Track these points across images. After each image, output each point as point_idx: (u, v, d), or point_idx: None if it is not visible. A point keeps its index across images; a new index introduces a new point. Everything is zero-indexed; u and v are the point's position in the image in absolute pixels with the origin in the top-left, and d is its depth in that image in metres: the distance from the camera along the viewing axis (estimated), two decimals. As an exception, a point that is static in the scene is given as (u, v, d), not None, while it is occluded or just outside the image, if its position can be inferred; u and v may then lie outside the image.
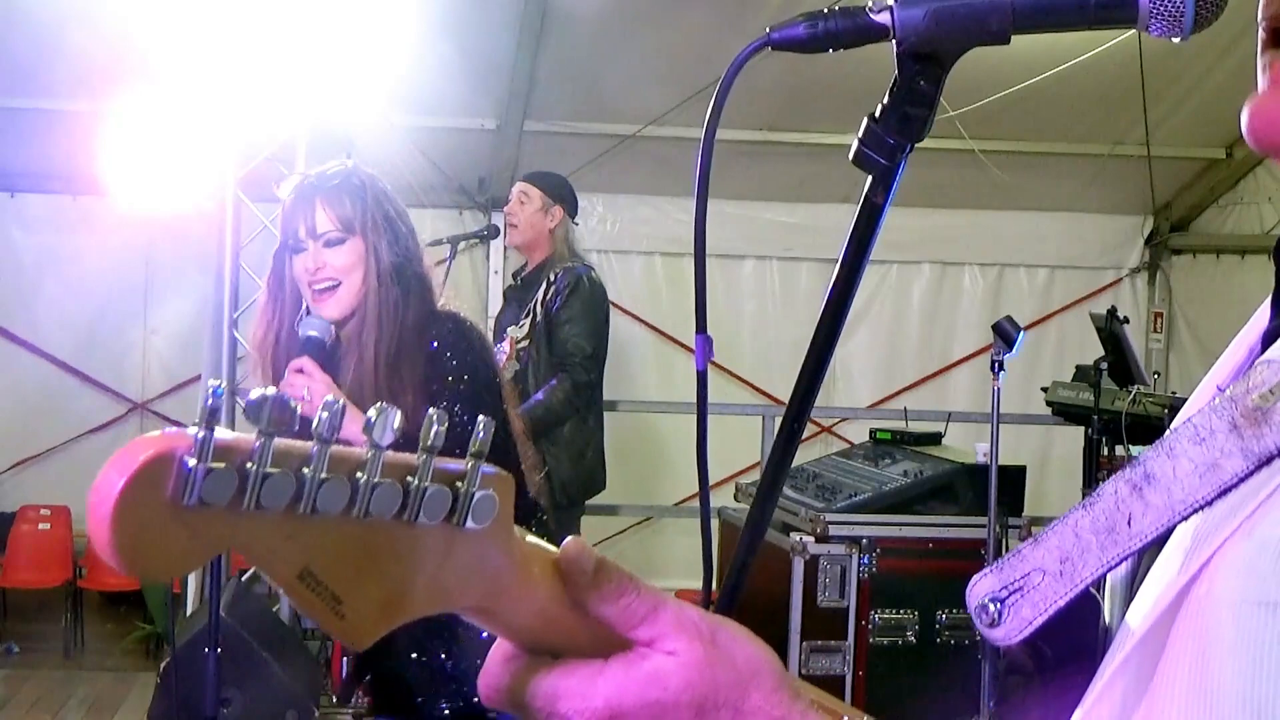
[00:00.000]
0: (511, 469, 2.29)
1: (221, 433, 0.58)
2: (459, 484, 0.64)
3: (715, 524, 5.47)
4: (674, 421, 7.05)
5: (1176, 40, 0.89)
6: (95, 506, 0.57)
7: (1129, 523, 0.69)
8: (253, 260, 5.84)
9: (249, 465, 0.58)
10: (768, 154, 7.03)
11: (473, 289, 7.59)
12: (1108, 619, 0.77)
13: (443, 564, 0.65)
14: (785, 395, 1.08)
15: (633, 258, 7.53)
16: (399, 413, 0.62)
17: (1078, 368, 6.00)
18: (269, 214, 5.80)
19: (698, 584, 1.25)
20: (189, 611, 5.54)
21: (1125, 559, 0.69)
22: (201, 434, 0.57)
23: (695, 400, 1.15)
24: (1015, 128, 6.94)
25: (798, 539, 4.84)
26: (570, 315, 4.79)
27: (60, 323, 7.24)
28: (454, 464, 0.64)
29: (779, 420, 1.12)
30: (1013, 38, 0.91)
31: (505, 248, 7.52)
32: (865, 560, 4.86)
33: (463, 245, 6.01)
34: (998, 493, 4.15)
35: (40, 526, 6.89)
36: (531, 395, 4.81)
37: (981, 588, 0.72)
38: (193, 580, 5.69)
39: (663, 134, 6.65)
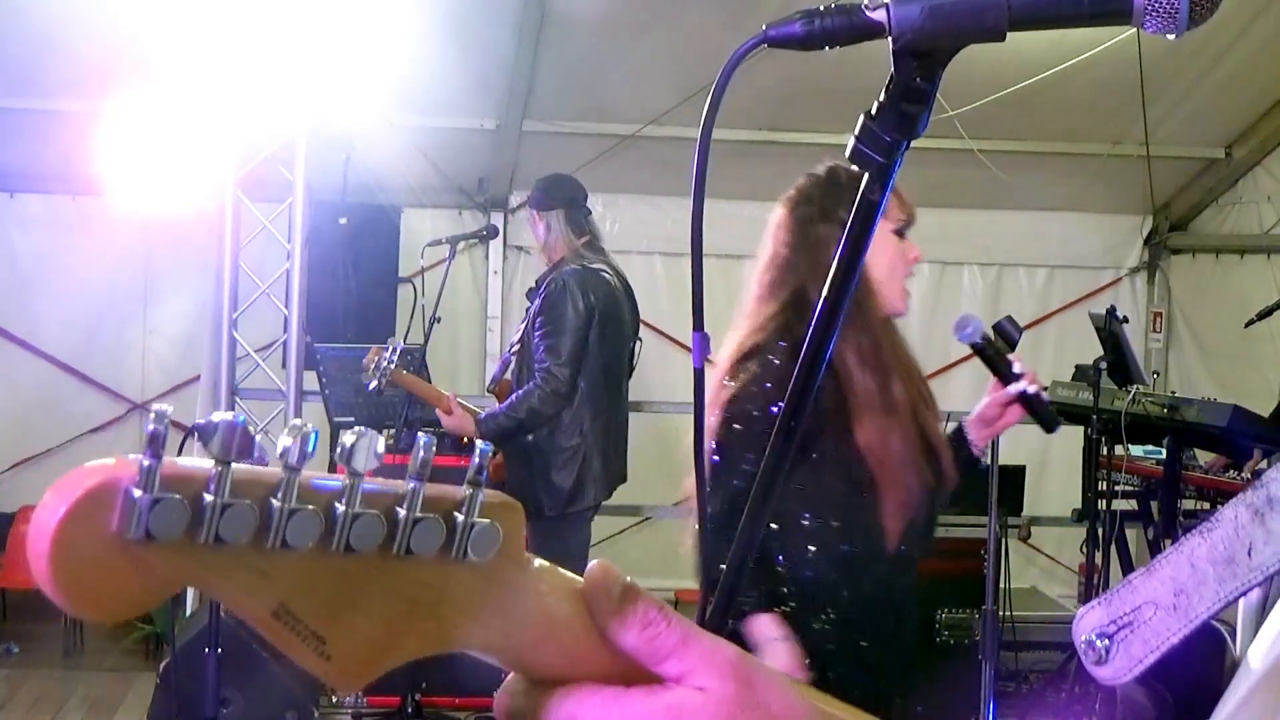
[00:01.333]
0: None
1: (174, 461, 0.53)
2: (456, 514, 0.58)
3: (715, 524, 5.46)
4: (673, 421, 7.05)
5: (1172, 37, 0.89)
6: (34, 540, 0.52)
7: (1249, 553, 0.63)
8: (252, 261, 5.84)
9: (205, 496, 0.53)
10: (766, 153, 7.03)
11: (472, 289, 7.60)
12: (1238, 653, 0.71)
13: (441, 600, 0.59)
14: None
15: (632, 258, 7.52)
16: (381, 437, 0.57)
17: (1077, 367, 6.00)
18: (269, 214, 5.81)
19: (698, 583, 1.25)
20: (189, 612, 5.54)
21: (1245, 592, 0.64)
22: (147, 461, 0.52)
23: (693, 399, 1.15)
24: (1014, 127, 6.94)
25: (797, 539, 4.83)
26: (544, 322, 4.78)
27: (60, 323, 7.23)
28: (451, 491, 0.59)
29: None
30: (1010, 35, 0.91)
31: (504, 248, 7.53)
32: (865, 560, 4.86)
33: (462, 245, 6.01)
34: (997, 493, 4.14)
35: (40, 527, 6.88)
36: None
37: (1089, 621, 0.67)
38: (192, 580, 5.69)
39: (662, 134, 6.66)
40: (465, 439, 5.55)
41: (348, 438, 0.56)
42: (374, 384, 4.92)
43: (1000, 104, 6.20)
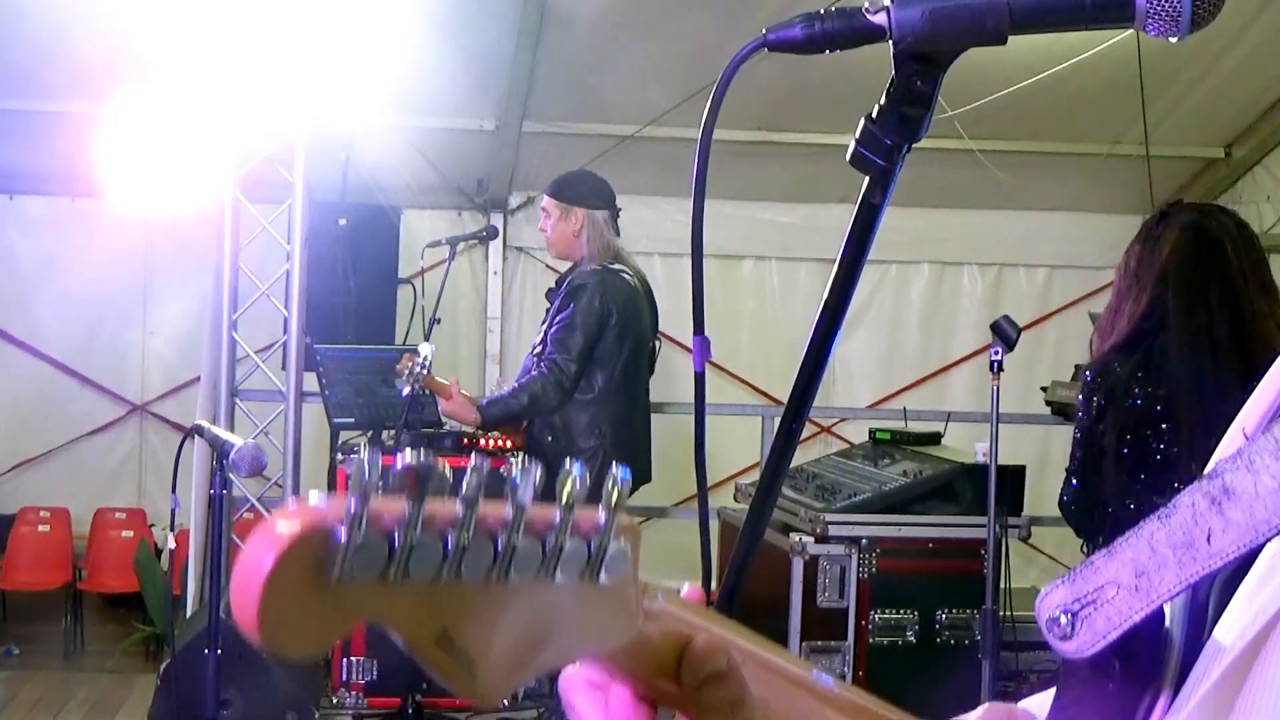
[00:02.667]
0: None
1: (373, 501, 0.55)
2: (594, 538, 0.62)
3: (714, 524, 5.47)
4: (673, 421, 7.05)
5: (1174, 40, 0.89)
6: (243, 586, 0.54)
7: (1208, 539, 0.66)
8: (252, 261, 5.84)
9: (396, 533, 0.55)
10: (766, 154, 7.03)
11: (471, 290, 7.60)
12: (1168, 623, 0.75)
13: (572, 618, 0.63)
14: (784, 395, 1.08)
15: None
16: (540, 467, 0.60)
17: (1077, 367, 6.00)
18: (268, 215, 5.81)
19: (697, 584, 1.25)
20: (189, 613, 5.54)
21: (1206, 576, 0.67)
22: (354, 507, 0.54)
23: (694, 401, 1.15)
24: (1014, 127, 6.94)
25: (797, 539, 4.84)
26: (561, 318, 4.85)
27: (60, 324, 7.23)
28: (591, 514, 0.62)
29: (778, 420, 1.11)
30: (1010, 38, 0.91)
31: (504, 248, 7.53)
32: (865, 560, 4.87)
33: (462, 246, 6.01)
34: (997, 493, 4.14)
35: (40, 528, 6.89)
36: None
37: (1053, 600, 0.71)
38: (192, 582, 5.69)
39: (661, 134, 6.65)
40: (466, 440, 5.56)
41: (514, 471, 0.59)
42: (407, 389, 4.96)
43: (1000, 104, 6.20)
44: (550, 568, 0.60)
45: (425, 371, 4.93)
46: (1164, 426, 3.02)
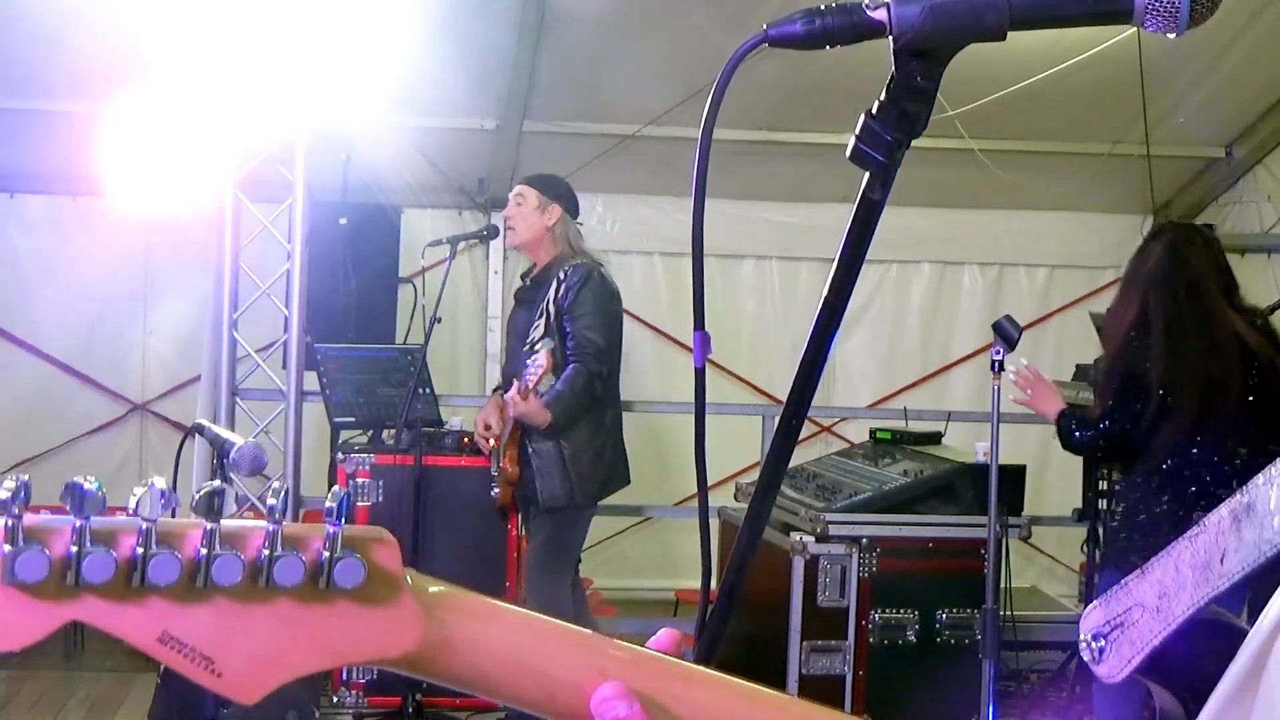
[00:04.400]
0: None
1: (38, 519, 0.62)
2: (323, 550, 0.65)
3: (715, 523, 5.47)
4: (673, 421, 7.05)
5: (1172, 36, 0.89)
6: None
7: (1222, 559, 0.66)
8: (252, 261, 5.84)
9: (72, 547, 0.61)
10: (767, 153, 7.03)
11: (472, 289, 7.60)
12: None
13: (321, 622, 0.66)
14: (784, 395, 1.08)
15: (632, 257, 7.54)
16: (231, 491, 0.65)
17: (1078, 367, 6.00)
18: (268, 215, 5.81)
19: (697, 583, 1.25)
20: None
21: (1214, 598, 0.67)
22: (8, 522, 0.61)
23: (694, 398, 1.15)
24: (1014, 127, 6.95)
25: (798, 539, 4.84)
26: (582, 310, 4.79)
27: (60, 323, 7.23)
28: (313, 530, 0.65)
29: (778, 419, 1.11)
30: (1010, 35, 0.91)
31: (505, 248, 7.53)
32: (865, 560, 4.87)
33: (462, 245, 6.01)
34: (998, 492, 4.14)
35: (40, 528, 6.88)
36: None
37: (1089, 622, 0.71)
38: (193, 581, 5.69)
39: (662, 134, 6.65)
40: (467, 439, 5.56)
41: (206, 492, 0.64)
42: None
43: (1000, 104, 6.20)
44: (265, 577, 0.64)
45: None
46: (1159, 399, 3.88)
